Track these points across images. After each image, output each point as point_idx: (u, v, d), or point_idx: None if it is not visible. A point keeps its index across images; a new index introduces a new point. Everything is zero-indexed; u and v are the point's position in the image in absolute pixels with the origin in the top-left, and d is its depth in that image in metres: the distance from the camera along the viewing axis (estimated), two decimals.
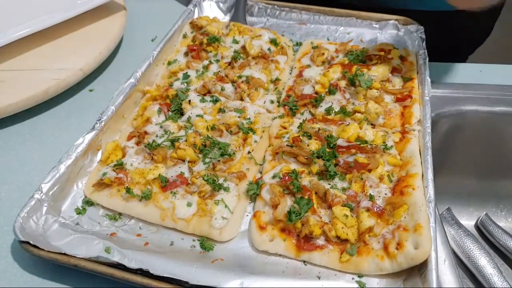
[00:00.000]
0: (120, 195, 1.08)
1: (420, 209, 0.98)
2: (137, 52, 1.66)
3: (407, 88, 1.34)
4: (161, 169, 1.13)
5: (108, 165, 1.15)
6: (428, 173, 1.07)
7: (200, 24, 1.63)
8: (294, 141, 1.18)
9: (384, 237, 0.97)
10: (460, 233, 1.44)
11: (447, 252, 1.03)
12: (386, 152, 1.16)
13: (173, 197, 1.07)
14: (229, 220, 1.05)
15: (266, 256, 1.00)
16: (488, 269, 1.35)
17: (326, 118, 1.27)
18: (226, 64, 1.48)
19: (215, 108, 1.31)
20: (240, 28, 1.62)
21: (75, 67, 1.43)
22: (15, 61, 1.46)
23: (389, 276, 0.95)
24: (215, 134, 1.22)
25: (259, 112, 1.33)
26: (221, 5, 1.82)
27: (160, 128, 1.24)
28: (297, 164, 1.16)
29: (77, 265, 0.93)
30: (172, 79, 1.44)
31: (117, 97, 1.26)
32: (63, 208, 1.08)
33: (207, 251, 1.01)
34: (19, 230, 0.94)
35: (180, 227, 1.04)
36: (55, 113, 1.40)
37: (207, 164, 1.14)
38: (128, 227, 1.06)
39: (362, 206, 1.02)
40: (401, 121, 1.26)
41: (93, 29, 1.62)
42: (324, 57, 1.49)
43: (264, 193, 1.08)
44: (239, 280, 0.91)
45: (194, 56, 1.50)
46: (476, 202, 1.65)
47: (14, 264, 1.01)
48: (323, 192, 1.06)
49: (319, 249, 0.98)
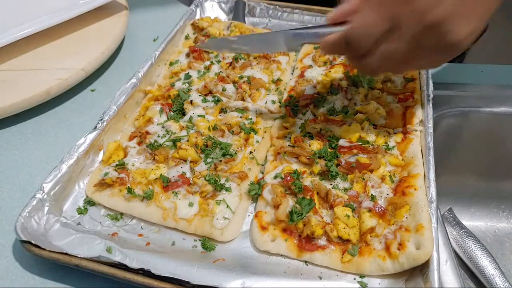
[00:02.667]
0: (121, 195, 1.08)
1: (422, 210, 0.98)
2: (139, 52, 1.66)
3: (409, 88, 1.34)
4: (162, 169, 1.13)
5: (110, 165, 1.15)
6: (430, 174, 1.06)
7: (202, 25, 1.64)
8: (296, 142, 1.18)
9: (386, 238, 0.97)
10: (461, 233, 1.44)
11: (448, 253, 1.03)
12: (388, 152, 1.16)
13: (174, 197, 1.07)
14: (231, 220, 1.04)
15: (268, 256, 1.00)
16: (489, 270, 1.35)
17: (328, 118, 1.26)
18: (227, 64, 1.48)
19: (217, 108, 1.31)
20: (242, 28, 1.62)
21: (77, 67, 1.43)
22: (17, 61, 1.46)
23: (391, 277, 0.94)
24: (217, 134, 1.22)
25: (260, 112, 1.33)
26: (223, 6, 1.83)
27: (162, 128, 1.24)
28: (299, 164, 1.16)
29: (78, 265, 0.93)
30: (173, 79, 1.44)
31: (119, 97, 1.26)
32: (65, 208, 1.08)
33: (208, 251, 1.01)
34: (21, 229, 0.94)
35: (182, 227, 1.04)
36: (57, 113, 1.40)
37: (208, 164, 1.14)
38: (129, 227, 1.06)
39: (363, 206, 1.02)
40: (403, 121, 1.25)
41: (95, 29, 1.62)
42: (326, 58, 1.49)
43: (266, 193, 1.08)
44: (241, 280, 0.91)
45: (195, 57, 1.51)
46: (477, 203, 1.64)
47: (15, 263, 1.01)
48: (324, 192, 1.05)
49: (320, 250, 0.98)
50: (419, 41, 0.94)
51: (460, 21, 0.91)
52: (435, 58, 1.00)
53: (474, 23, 0.93)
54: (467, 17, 0.92)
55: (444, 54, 0.99)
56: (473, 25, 0.93)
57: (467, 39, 0.93)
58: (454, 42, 0.93)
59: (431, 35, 0.93)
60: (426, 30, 0.92)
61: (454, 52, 0.97)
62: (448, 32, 0.91)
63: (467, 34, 0.92)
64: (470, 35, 0.93)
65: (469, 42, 0.95)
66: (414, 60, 1.00)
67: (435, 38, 0.93)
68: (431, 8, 0.89)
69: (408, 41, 0.95)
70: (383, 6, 0.94)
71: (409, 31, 0.93)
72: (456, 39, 0.92)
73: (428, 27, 0.91)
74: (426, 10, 0.90)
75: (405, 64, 1.02)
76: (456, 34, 0.92)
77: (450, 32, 0.91)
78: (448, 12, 0.90)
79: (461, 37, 0.92)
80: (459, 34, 0.92)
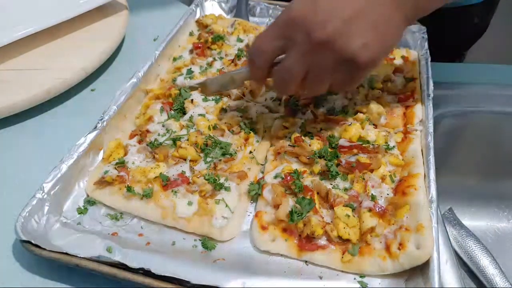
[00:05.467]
0: (121, 193, 1.08)
1: (422, 209, 0.97)
2: (139, 51, 1.66)
3: (409, 88, 1.34)
4: (162, 167, 1.13)
5: (110, 163, 1.15)
6: (430, 173, 1.06)
7: (206, 22, 1.66)
8: (296, 141, 1.18)
9: (386, 237, 0.97)
10: (462, 233, 1.44)
11: (449, 253, 1.03)
12: (388, 152, 1.16)
13: (174, 196, 1.07)
14: (230, 219, 1.04)
15: (268, 256, 1.00)
16: (490, 270, 1.35)
17: (328, 118, 1.26)
18: (229, 61, 1.49)
19: (218, 108, 1.31)
20: (246, 26, 1.63)
21: (77, 66, 1.43)
22: (17, 61, 1.46)
23: (391, 276, 0.94)
24: (217, 133, 1.22)
25: (261, 112, 1.33)
26: (223, 5, 1.83)
27: (162, 127, 1.24)
28: (299, 164, 1.15)
29: (78, 265, 0.93)
30: (176, 74, 1.45)
31: (119, 97, 1.26)
32: (65, 208, 1.08)
33: (209, 250, 1.00)
34: (21, 229, 0.94)
35: (181, 225, 1.04)
36: (57, 112, 1.40)
37: (208, 163, 1.14)
38: (129, 226, 1.06)
39: (364, 206, 1.02)
40: (403, 121, 1.25)
41: (95, 29, 1.62)
42: None
43: (266, 193, 1.08)
44: (241, 280, 0.91)
45: (198, 53, 1.52)
46: (478, 203, 1.64)
47: (15, 263, 1.00)
48: (325, 192, 1.05)
49: (321, 249, 0.98)
50: (314, 59, 0.98)
51: (352, 36, 0.94)
52: (341, 77, 1.02)
53: (371, 36, 0.95)
54: (360, 31, 0.94)
55: (348, 73, 1.00)
56: (370, 38, 0.95)
57: (364, 53, 0.95)
58: (349, 57, 0.95)
59: (324, 52, 0.96)
60: (317, 48, 0.95)
61: (359, 69, 0.98)
62: (340, 49, 0.94)
63: (361, 47, 0.94)
64: (365, 48, 0.95)
65: (371, 56, 0.96)
66: (319, 80, 1.03)
67: (330, 56, 0.96)
68: (318, 28, 0.93)
69: (303, 59, 0.98)
70: (276, 25, 1.02)
71: (300, 49, 0.97)
72: (351, 54, 0.94)
73: (318, 45, 0.95)
74: (313, 30, 0.94)
75: (313, 83, 1.04)
76: (349, 49, 0.94)
77: (342, 48, 0.94)
78: (336, 29, 0.93)
79: (354, 51, 0.94)
80: (352, 48, 0.94)
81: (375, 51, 0.97)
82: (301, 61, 0.99)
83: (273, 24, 1.02)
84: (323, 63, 0.98)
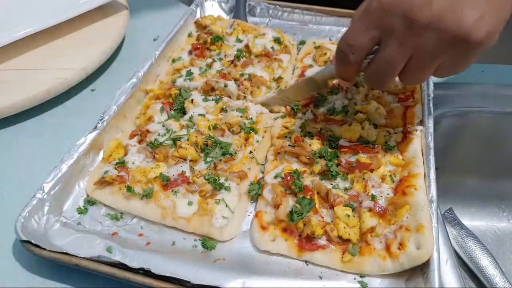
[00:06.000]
0: (121, 193, 1.08)
1: (422, 209, 0.97)
2: (139, 51, 1.66)
3: (409, 88, 1.33)
4: (162, 167, 1.13)
5: (110, 163, 1.15)
6: (430, 173, 1.06)
7: (204, 23, 1.65)
8: (296, 141, 1.18)
9: (386, 237, 0.97)
10: (462, 233, 1.44)
11: (449, 253, 1.03)
12: (388, 152, 1.16)
13: (174, 196, 1.07)
14: (230, 219, 1.04)
15: (268, 256, 1.00)
16: (490, 270, 1.35)
17: (328, 118, 1.26)
18: (229, 62, 1.48)
19: (218, 108, 1.31)
20: (244, 27, 1.62)
21: (77, 66, 1.43)
22: (17, 61, 1.46)
23: (391, 276, 0.94)
24: (217, 133, 1.22)
25: (261, 112, 1.33)
26: (223, 5, 1.83)
27: (162, 127, 1.24)
28: (299, 164, 1.15)
29: (78, 265, 0.93)
30: (175, 75, 1.44)
31: (119, 97, 1.26)
32: (65, 208, 1.08)
33: (209, 250, 1.00)
34: (21, 229, 0.94)
35: (181, 225, 1.04)
36: (57, 112, 1.40)
37: (208, 163, 1.14)
38: (129, 226, 1.06)
39: (364, 206, 1.02)
40: (403, 121, 1.25)
41: (95, 29, 1.62)
42: (326, 57, 1.48)
43: (266, 193, 1.08)
44: (241, 279, 0.91)
45: (198, 55, 1.51)
46: (478, 203, 1.64)
47: (15, 263, 1.00)
48: (325, 192, 1.05)
49: (321, 249, 0.98)
50: (417, 45, 0.88)
51: (464, 10, 0.82)
52: (449, 61, 0.91)
53: (487, 8, 0.84)
54: (472, 3, 0.82)
55: (459, 55, 0.90)
56: (485, 10, 0.83)
57: (480, 28, 0.83)
58: (462, 35, 0.84)
59: (430, 35, 0.86)
60: (420, 31, 0.86)
61: (474, 48, 0.86)
62: (451, 26, 0.83)
63: (477, 21, 0.83)
64: (481, 21, 0.83)
65: (488, 30, 0.84)
66: (423, 67, 0.93)
67: (437, 38, 0.86)
68: (421, 8, 0.84)
69: (405, 47, 0.89)
70: (366, 15, 0.92)
71: (400, 36, 0.88)
72: (464, 31, 0.83)
73: (422, 28, 0.85)
74: (414, 11, 0.84)
75: (417, 72, 0.95)
76: (462, 25, 0.83)
77: (453, 25, 0.83)
78: (444, 5, 0.83)
79: (468, 27, 0.82)
80: (465, 24, 0.82)
81: (492, 24, 0.84)
82: (402, 49, 0.89)
83: (363, 15, 0.92)
84: (429, 47, 0.87)
